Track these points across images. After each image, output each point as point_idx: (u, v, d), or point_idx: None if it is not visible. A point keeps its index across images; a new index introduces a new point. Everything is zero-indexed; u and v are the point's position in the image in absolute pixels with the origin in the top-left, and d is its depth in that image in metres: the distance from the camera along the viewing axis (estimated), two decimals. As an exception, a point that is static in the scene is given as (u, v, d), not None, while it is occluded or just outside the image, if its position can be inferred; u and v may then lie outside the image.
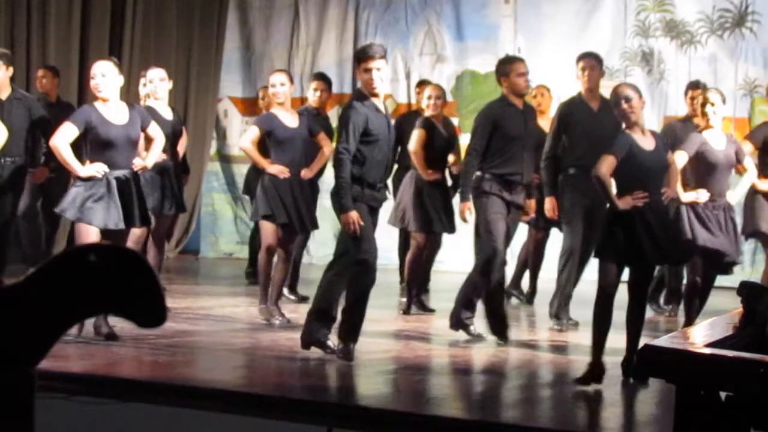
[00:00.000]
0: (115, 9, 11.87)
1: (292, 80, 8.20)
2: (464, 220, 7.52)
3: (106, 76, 6.91)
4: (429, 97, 8.63)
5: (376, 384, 6.27)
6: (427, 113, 8.62)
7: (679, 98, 9.58)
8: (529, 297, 9.32)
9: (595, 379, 6.06)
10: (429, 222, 8.55)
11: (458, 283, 7.54)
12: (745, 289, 3.66)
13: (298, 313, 8.15)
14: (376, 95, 6.52)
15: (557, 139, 7.94)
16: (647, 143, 6.23)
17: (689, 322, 7.13)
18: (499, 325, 7.39)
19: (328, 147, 8.03)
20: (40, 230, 9.58)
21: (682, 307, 7.87)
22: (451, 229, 8.66)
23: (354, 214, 6.40)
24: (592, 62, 7.98)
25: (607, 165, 6.12)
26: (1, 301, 2.06)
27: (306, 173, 7.90)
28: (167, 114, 8.11)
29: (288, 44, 12.86)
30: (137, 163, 6.95)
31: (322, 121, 8.67)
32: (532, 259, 9.23)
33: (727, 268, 7.30)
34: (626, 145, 6.17)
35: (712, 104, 7.11)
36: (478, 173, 7.37)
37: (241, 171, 12.69)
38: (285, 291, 8.58)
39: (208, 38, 12.81)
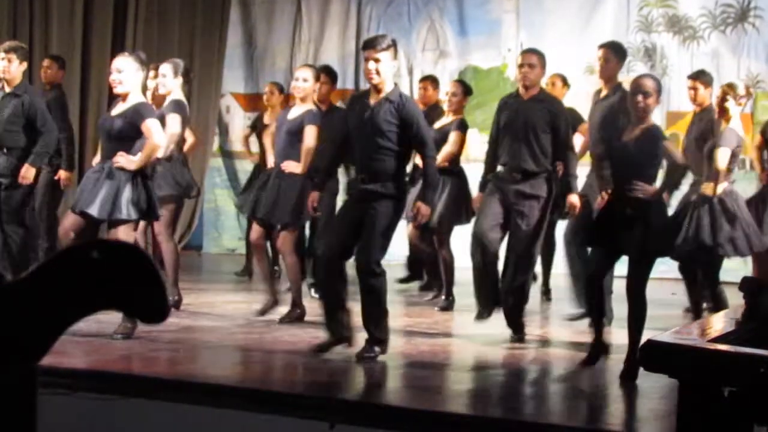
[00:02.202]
0: (117, 4, 11.88)
1: (318, 77, 8.05)
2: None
3: (121, 72, 6.88)
4: (446, 93, 8.94)
5: (379, 379, 6.27)
6: (446, 109, 8.84)
7: (682, 93, 9.57)
8: (545, 294, 9.28)
9: (599, 356, 6.16)
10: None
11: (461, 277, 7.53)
12: (747, 285, 3.66)
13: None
14: (373, 86, 6.52)
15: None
16: (630, 135, 6.28)
17: (696, 316, 7.20)
18: (483, 301, 7.36)
19: (307, 141, 7.66)
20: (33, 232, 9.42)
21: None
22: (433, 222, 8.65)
23: (309, 196, 6.83)
24: (607, 54, 7.81)
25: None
26: (4, 297, 2.06)
27: (285, 165, 7.69)
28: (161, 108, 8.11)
29: (290, 40, 12.86)
30: (118, 161, 6.81)
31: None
32: (543, 254, 9.11)
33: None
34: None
35: (725, 100, 7.29)
36: None
37: (243, 167, 12.69)
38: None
39: (210, 34, 12.81)
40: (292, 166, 7.62)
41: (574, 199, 7.38)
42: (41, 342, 2.09)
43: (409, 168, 7.64)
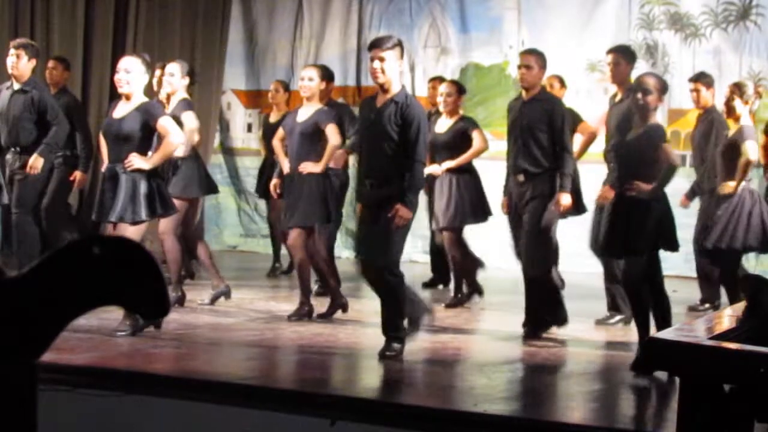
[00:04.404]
0: (119, 2, 11.88)
1: (323, 77, 7.98)
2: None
3: (129, 72, 6.87)
4: (441, 94, 8.82)
5: (380, 376, 6.27)
6: (442, 110, 8.75)
7: (684, 91, 9.57)
8: None
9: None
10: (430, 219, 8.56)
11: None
12: (749, 282, 3.66)
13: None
14: (379, 86, 6.53)
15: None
16: (633, 134, 6.32)
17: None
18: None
19: (333, 139, 7.72)
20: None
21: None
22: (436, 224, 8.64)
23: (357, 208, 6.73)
24: (616, 58, 7.78)
25: None
26: (3, 292, 2.06)
27: (303, 167, 7.70)
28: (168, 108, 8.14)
29: (291, 36, 12.84)
30: (132, 162, 6.77)
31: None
32: None
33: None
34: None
35: (732, 99, 7.38)
36: None
37: (244, 164, 12.71)
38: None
39: (211, 31, 12.80)
40: (311, 167, 7.65)
41: (565, 198, 7.32)
42: (42, 338, 2.09)
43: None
